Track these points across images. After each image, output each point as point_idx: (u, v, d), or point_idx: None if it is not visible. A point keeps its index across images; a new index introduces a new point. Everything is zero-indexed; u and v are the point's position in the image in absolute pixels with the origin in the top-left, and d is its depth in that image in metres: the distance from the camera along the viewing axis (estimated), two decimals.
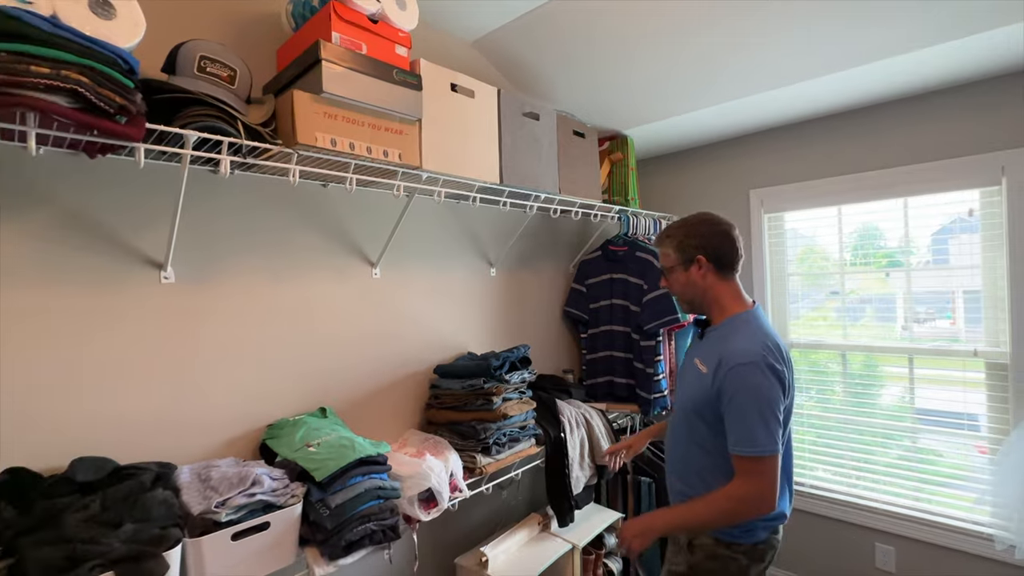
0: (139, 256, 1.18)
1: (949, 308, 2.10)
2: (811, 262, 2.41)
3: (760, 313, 1.30)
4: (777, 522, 1.26)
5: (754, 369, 1.16)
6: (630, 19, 1.70)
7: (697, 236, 1.31)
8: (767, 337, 1.21)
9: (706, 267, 1.30)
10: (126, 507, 0.96)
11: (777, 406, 1.15)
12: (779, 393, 1.16)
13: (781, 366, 1.18)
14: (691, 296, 1.34)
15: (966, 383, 2.00)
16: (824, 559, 2.29)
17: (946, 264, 2.09)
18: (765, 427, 1.13)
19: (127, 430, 1.15)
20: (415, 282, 1.75)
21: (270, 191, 1.40)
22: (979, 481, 1.97)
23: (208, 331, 1.28)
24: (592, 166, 2.10)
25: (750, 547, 1.24)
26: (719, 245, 1.30)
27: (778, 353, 1.20)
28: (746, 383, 1.16)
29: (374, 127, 1.28)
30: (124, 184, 1.16)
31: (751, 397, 1.15)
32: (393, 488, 1.26)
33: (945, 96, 1.97)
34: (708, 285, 1.31)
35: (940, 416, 2.08)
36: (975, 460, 2.00)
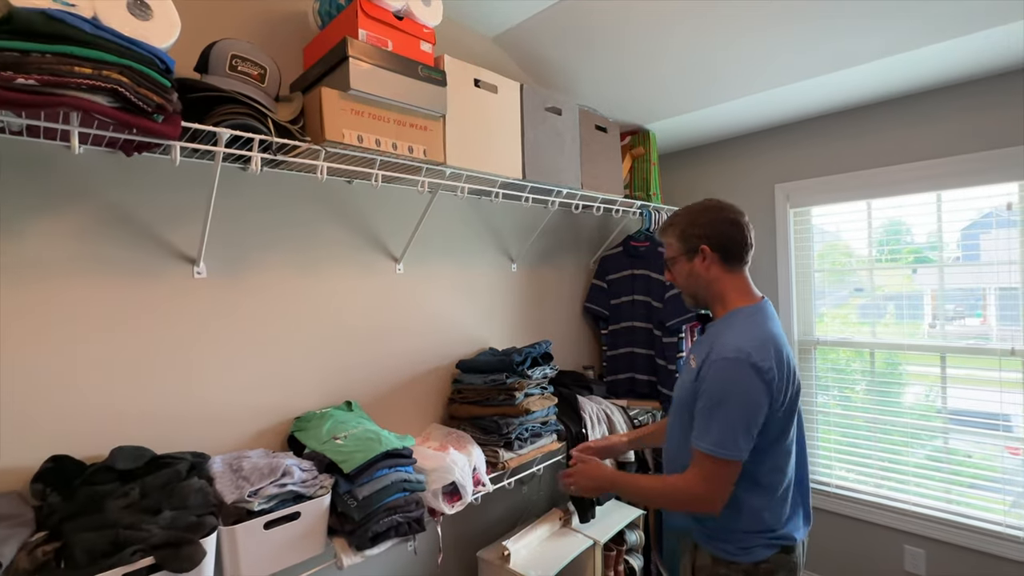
0: (173, 251, 1.21)
1: (980, 306, 2.03)
2: (834, 258, 2.36)
3: (766, 309, 1.18)
4: (781, 541, 1.12)
5: (738, 366, 1.05)
6: (653, 12, 1.68)
7: (701, 225, 1.20)
8: (766, 335, 1.10)
9: (711, 258, 1.19)
10: (164, 495, 0.99)
11: (755, 411, 1.04)
12: (761, 397, 1.04)
13: (772, 367, 1.05)
14: (694, 289, 1.24)
15: (1002, 383, 1.94)
16: (852, 561, 2.24)
17: (977, 260, 2.02)
18: (733, 430, 1.04)
19: (161, 420, 1.18)
20: (438, 278, 1.76)
21: (297, 187, 1.42)
22: (1011, 483, 1.91)
23: (238, 324, 1.31)
24: (614, 161, 2.08)
25: (751, 566, 1.11)
26: (725, 234, 1.18)
27: (774, 353, 1.07)
28: (726, 378, 1.06)
29: (399, 123, 1.29)
30: (158, 181, 1.19)
31: (728, 395, 1.05)
32: (418, 481, 1.28)
33: (982, 85, 1.90)
34: (712, 278, 1.20)
35: (970, 416, 2.02)
36: (1007, 462, 1.95)
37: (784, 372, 1.08)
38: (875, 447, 2.23)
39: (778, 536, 1.12)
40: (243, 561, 1.01)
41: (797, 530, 1.15)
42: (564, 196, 1.85)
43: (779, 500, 1.13)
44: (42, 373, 1.04)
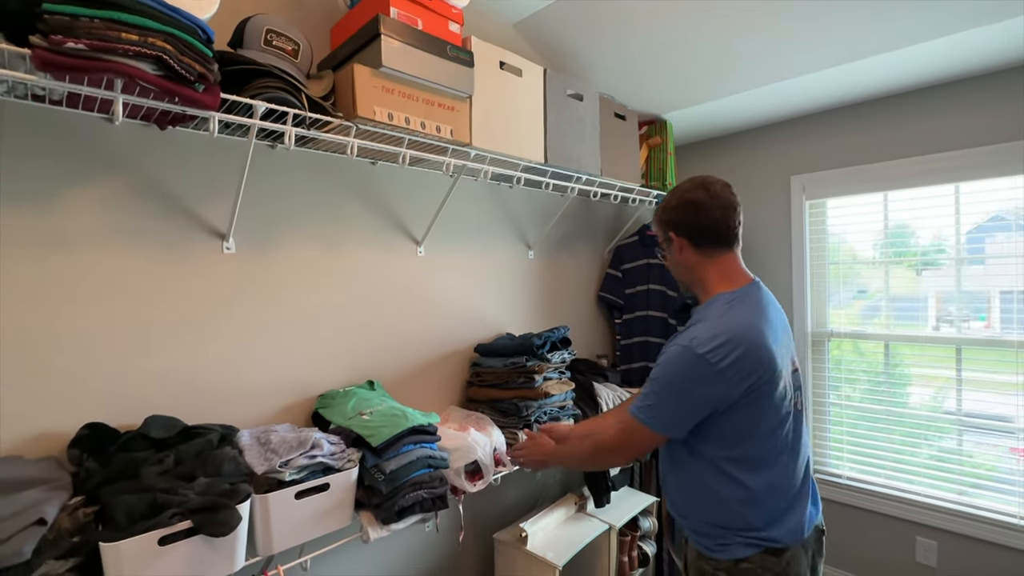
0: (204, 226, 1.22)
1: (984, 309, 2.04)
2: (841, 259, 2.36)
3: (750, 294, 1.09)
4: (765, 542, 1.04)
5: (686, 355, 1.01)
6: (671, 1, 1.68)
7: (667, 209, 1.15)
8: (737, 325, 1.01)
9: (679, 243, 1.13)
10: (198, 462, 1.00)
11: (690, 396, 1.01)
12: (700, 388, 1.00)
13: (725, 359, 0.98)
14: (680, 276, 1.20)
15: (1006, 385, 1.93)
16: (862, 552, 2.25)
17: (982, 264, 2.03)
18: (662, 407, 1.04)
19: (188, 393, 1.19)
20: (457, 262, 1.77)
21: (322, 167, 1.43)
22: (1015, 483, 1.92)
23: (264, 301, 1.32)
24: (632, 149, 2.08)
25: (731, 564, 1.05)
26: (689, 218, 1.11)
27: (743, 344, 0.99)
28: (670, 364, 1.04)
29: (428, 103, 1.29)
30: (190, 157, 1.20)
31: (667, 378, 1.04)
32: (443, 458, 1.29)
33: (1000, 78, 1.89)
34: (690, 264, 1.14)
35: (978, 417, 2.01)
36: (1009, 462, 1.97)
37: (755, 364, 1.00)
38: (887, 440, 2.23)
39: (761, 537, 1.04)
40: (275, 529, 1.02)
41: (787, 534, 1.05)
42: (583, 183, 1.86)
43: (758, 500, 1.04)
44: (72, 342, 1.05)
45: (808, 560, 1.10)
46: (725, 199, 1.12)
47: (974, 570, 1.99)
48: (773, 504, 1.06)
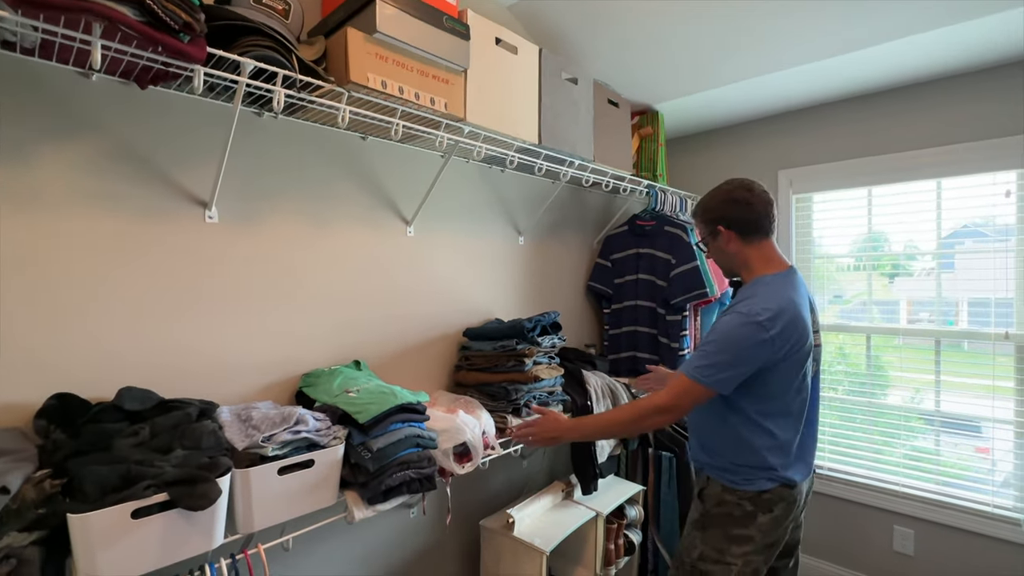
0: (185, 194, 1.17)
1: (952, 314, 2.10)
2: (826, 247, 2.40)
3: (789, 277, 1.29)
4: (783, 479, 1.27)
5: (743, 320, 1.19)
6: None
7: (714, 209, 1.35)
8: (782, 301, 1.20)
9: (728, 235, 1.33)
10: (175, 435, 0.96)
11: (744, 356, 1.18)
12: (753, 351, 1.18)
13: (776, 327, 1.17)
14: (726, 264, 1.40)
15: (979, 388, 1.99)
16: (840, 542, 2.28)
17: (951, 269, 2.10)
18: (715, 365, 1.20)
19: (164, 366, 1.14)
20: (446, 244, 1.74)
21: (311, 139, 1.39)
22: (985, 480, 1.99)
23: (247, 274, 1.27)
24: (624, 137, 2.08)
25: (754, 494, 1.27)
26: (734, 213, 1.32)
27: (787, 317, 1.18)
28: (729, 327, 1.21)
29: (422, 73, 1.26)
30: (172, 120, 1.15)
31: (724, 340, 1.21)
32: (431, 438, 1.25)
33: (983, 75, 1.94)
34: (735, 251, 1.34)
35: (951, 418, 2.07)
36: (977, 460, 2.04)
37: (793, 333, 1.19)
38: (868, 434, 2.27)
39: (780, 475, 1.27)
40: (256, 506, 0.98)
41: (798, 475, 1.30)
42: (576, 168, 1.84)
43: (782, 447, 1.27)
44: (42, 307, 0.99)
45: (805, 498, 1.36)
46: (766, 196, 1.32)
47: (949, 557, 2.03)
48: (791, 450, 1.28)
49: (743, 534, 1.27)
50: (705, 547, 1.31)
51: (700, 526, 1.34)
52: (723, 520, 1.30)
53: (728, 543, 1.28)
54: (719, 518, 1.30)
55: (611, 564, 1.83)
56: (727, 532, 1.29)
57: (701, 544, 1.32)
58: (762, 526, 1.26)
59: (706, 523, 1.32)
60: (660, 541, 2.04)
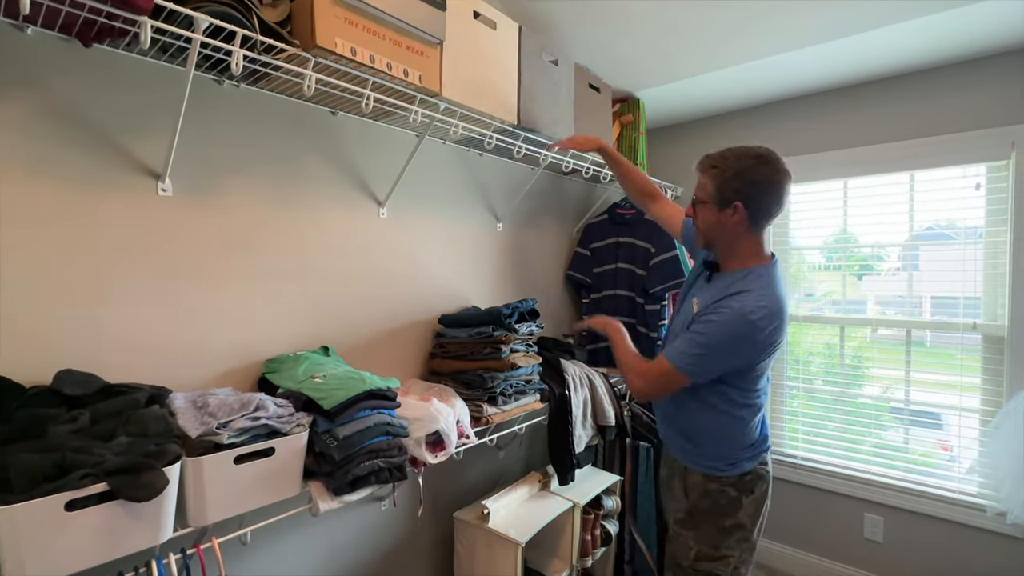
0: (134, 163, 1.08)
1: (917, 312, 2.15)
2: (802, 239, 2.42)
3: (774, 271, 1.23)
4: (760, 455, 1.29)
5: (742, 321, 1.13)
6: None
7: (745, 181, 1.17)
8: (776, 299, 1.17)
9: (741, 216, 1.18)
10: (119, 421, 0.88)
11: (730, 356, 1.17)
12: (744, 350, 1.16)
13: (769, 328, 1.14)
14: (713, 237, 1.26)
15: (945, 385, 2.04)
16: (811, 530, 2.31)
17: (917, 269, 2.15)
18: (705, 364, 1.18)
19: (112, 348, 1.05)
20: (422, 228, 1.68)
21: (277, 112, 1.31)
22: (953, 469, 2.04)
23: (206, 252, 1.19)
24: (605, 124, 2.04)
25: (737, 479, 1.27)
26: (764, 199, 1.18)
27: (778, 316, 1.16)
28: (727, 327, 1.15)
29: (395, 43, 1.20)
30: (120, 82, 1.06)
31: (721, 340, 1.16)
32: (402, 426, 1.20)
33: (955, 70, 1.97)
34: (735, 233, 1.22)
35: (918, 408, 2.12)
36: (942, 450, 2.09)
37: (780, 332, 1.19)
38: (840, 424, 2.30)
39: (760, 450, 1.29)
40: (209, 497, 0.91)
41: (765, 440, 1.32)
42: (556, 151, 1.79)
43: (759, 419, 1.30)
44: None
45: None
46: (788, 193, 1.21)
47: (917, 543, 2.07)
48: (764, 424, 1.31)
49: (733, 523, 1.25)
50: (700, 546, 1.28)
51: (689, 525, 1.30)
52: (711, 513, 1.27)
53: (721, 536, 1.26)
54: (707, 512, 1.28)
55: (587, 555, 1.81)
56: (718, 525, 1.27)
57: (695, 544, 1.28)
58: (748, 509, 1.26)
59: (695, 520, 1.29)
60: (637, 531, 2.03)
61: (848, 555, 2.23)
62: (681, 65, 2.06)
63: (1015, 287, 1.87)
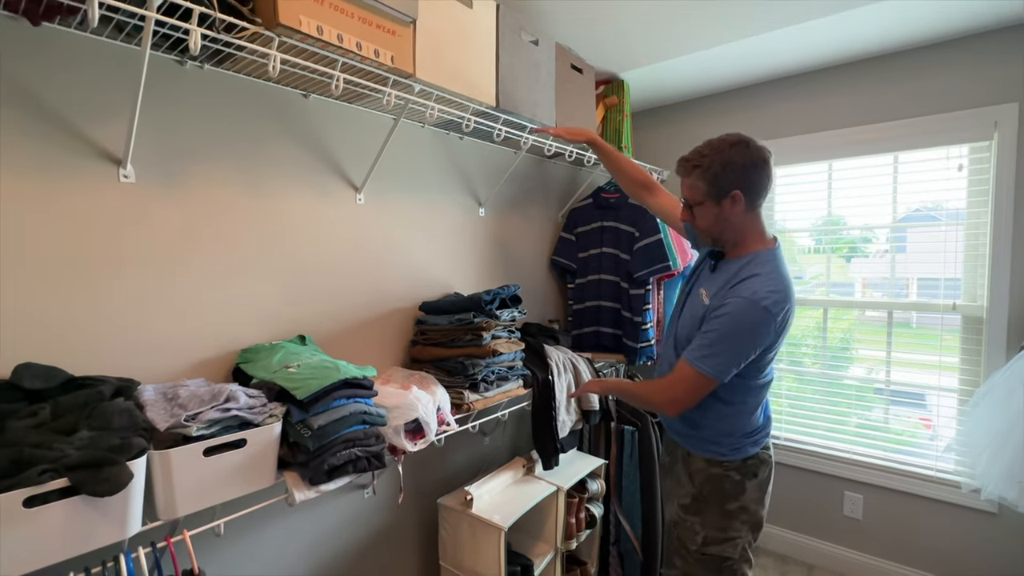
0: (93, 148, 1.04)
1: (904, 295, 2.17)
2: (788, 222, 2.42)
3: (779, 253, 1.22)
4: (764, 439, 1.31)
5: (755, 308, 1.12)
6: None
7: (735, 169, 1.17)
8: (784, 281, 1.17)
9: (740, 202, 1.18)
10: (82, 415, 0.86)
11: (753, 349, 1.16)
12: (765, 337, 1.15)
13: (782, 312, 1.14)
14: (718, 232, 1.24)
15: (927, 365, 2.06)
16: (792, 509, 2.35)
17: (904, 251, 2.16)
18: (729, 361, 1.15)
19: (77, 341, 1.02)
20: (401, 213, 1.65)
21: (246, 95, 1.27)
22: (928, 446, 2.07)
23: (173, 241, 1.15)
24: (589, 106, 2.01)
25: (740, 463, 1.28)
26: (757, 180, 1.18)
27: (788, 299, 1.16)
28: (741, 316, 1.14)
29: (365, 22, 1.15)
30: (78, 66, 1.02)
31: (738, 331, 1.14)
32: (379, 415, 1.19)
33: (935, 51, 1.96)
34: (737, 220, 1.21)
35: (900, 391, 2.15)
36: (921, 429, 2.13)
37: (792, 315, 1.19)
38: (825, 403, 2.33)
39: (763, 435, 1.30)
40: (179, 490, 0.90)
41: (769, 423, 1.33)
42: (539, 136, 1.76)
43: (766, 406, 1.32)
44: None
45: None
46: (772, 166, 1.22)
47: (895, 519, 2.12)
48: (767, 408, 1.33)
49: (738, 506, 1.26)
50: (707, 530, 1.28)
51: (694, 510, 1.30)
52: (716, 498, 1.28)
53: (727, 519, 1.27)
54: (712, 497, 1.28)
55: (572, 537, 1.82)
56: (723, 508, 1.27)
57: (702, 528, 1.28)
58: (752, 493, 1.27)
59: (700, 505, 1.29)
60: (622, 513, 2.05)
61: (828, 532, 2.28)
62: (667, 45, 2.02)
63: (994, 268, 1.88)
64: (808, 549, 2.32)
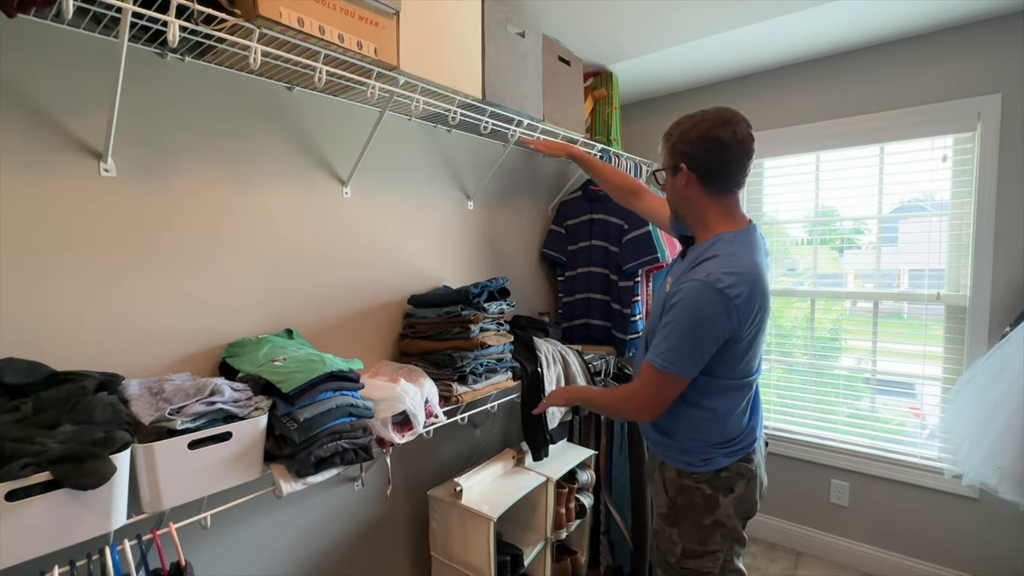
0: (73, 142, 1.03)
1: (895, 285, 2.19)
2: (776, 212, 2.43)
3: (749, 236, 1.13)
4: (743, 450, 1.18)
5: (707, 290, 1.03)
6: None
7: (685, 140, 1.12)
8: (745, 264, 1.07)
9: (687, 178, 1.12)
10: (64, 410, 0.86)
11: (711, 337, 1.06)
12: (723, 323, 1.04)
13: (741, 295, 1.03)
14: (676, 206, 1.21)
15: (914, 355, 2.08)
16: (780, 496, 2.38)
17: (895, 243, 2.18)
18: (685, 351, 1.07)
19: (60, 336, 1.02)
20: (389, 206, 1.64)
21: (230, 88, 1.26)
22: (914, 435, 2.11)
23: (158, 235, 1.15)
24: (577, 98, 2.01)
25: (712, 475, 1.17)
26: (707, 156, 1.09)
27: (749, 283, 1.05)
28: (693, 301, 1.05)
29: (347, 13, 1.15)
30: (57, 58, 1.01)
31: (690, 317, 1.05)
32: (366, 407, 1.19)
33: (920, 42, 1.97)
34: (691, 197, 1.15)
35: (888, 381, 2.18)
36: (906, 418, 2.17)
37: (757, 300, 1.07)
38: (814, 393, 2.36)
39: (739, 447, 1.18)
40: (163, 484, 0.90)
41: (754, 442, 1.21)
42: (525, 127, 1.76)
43: (741, 415, 1.18)
44: None
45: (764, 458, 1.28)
46: (748, 146, 1.11)
47: (880, 506, 2.15)
48: (749, 416, 1.20)
49: (713, 520, 1.17)
50: (684, 542, 1.20)
51: (671, 521, 1.22)
52: (689, 511, 1.19)
53: (704, 533, 1.18)
54: (685, 509, 1.20)
55: (562, 527, 1.85)
56: (697, 522, 1.18)
57: (680, 539, 1.20)
58: (726, 509, 1.16)
59: (677, 517, 1.21)
60: (612, 503, 2.08)
61: (815, 519, 2.31)
62: (656, 36, 2.02)
63: (977, 258, 1.90)
64: (796, 536, 2.36)
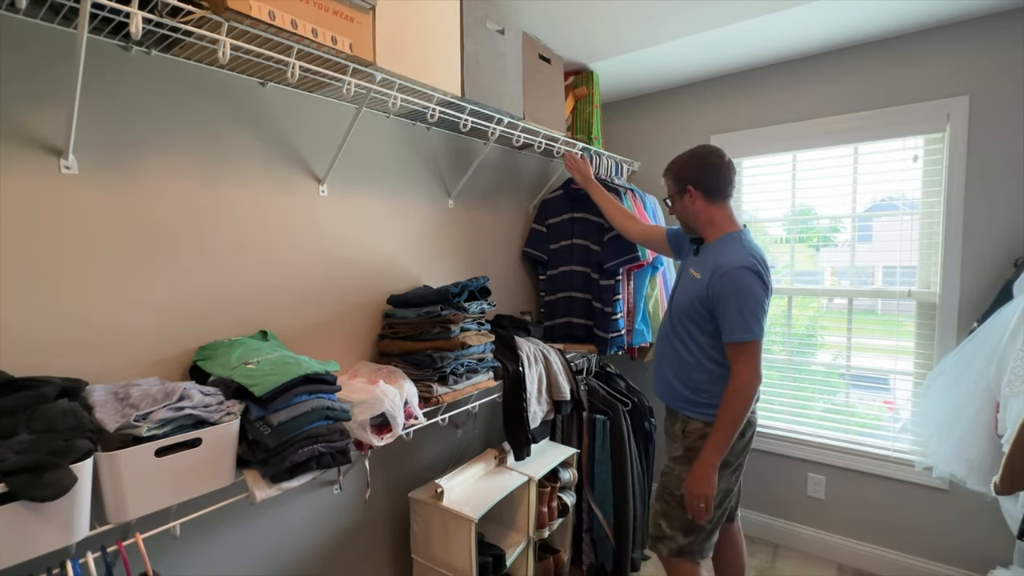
0: (31, 137, 0.99)
1: (869, 282, 2.24)
2: (755, 212, 2.47)
3: (748, 234, 1.52)
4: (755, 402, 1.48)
5: (743, 272, 1.39)
6: None
7: (688, 169, 1.55)
8: (754, 251, 1.45)
9: (695, 195, 1.53)
10: (21, 418, 0.82)
11: (761, 302, 1.40)
12: (763, 293, 1.40)
13: (765, 273, 1.42)
14: (689, 220, 1.58)
15: (887, 350, 2.13)
16: (758, 490, 2.42)
17: (869, 240, 2.23)
18: (754, 317, 1.38)
19: (18, 341, 0.98)
20: (367, 205, 1.62)
21: (200, 83, 1.22)
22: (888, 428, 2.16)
23: (124, 234, 1.11)
24: (557, 97, 2.00)
25: None
26: (706, 176, 1.52)
27: (763, 263, 1.43)
28: (738, 283, 1.39)
29: (320, 7, 1.12)
30: (13, 49, 0.96)
31: (741, 295, 1.38)
32: (343, 410, 1.17)
33: (893, 44, 2.01)
34: (699, 209, 1.54)
35: (862, 376, 2.23)
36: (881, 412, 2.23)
37: (767, 277, 1.44)
38: (792, 388, 2.40)
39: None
40: (129, 492, 0.87)
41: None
42: (506, 125, 1.75)
43: None
44: None
45: None
46: (732, 164, 1.54)
47: (855, 498, 2.20)
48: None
49: (724, 459, 1.44)
50: None
51: (685, 461, 1.51)
52: None
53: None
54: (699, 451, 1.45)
55: (544, 526, 1.85)
56: None
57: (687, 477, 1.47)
58: (735, 449, 1.49)
59: (691, 457, 1.49)
60: (594, 501, 2.08)
61: (792, 512, 2.35)
62: (632, 37, 2.02)
63: (946, 255, 1.95)
64: (773, 529, 2.40)
